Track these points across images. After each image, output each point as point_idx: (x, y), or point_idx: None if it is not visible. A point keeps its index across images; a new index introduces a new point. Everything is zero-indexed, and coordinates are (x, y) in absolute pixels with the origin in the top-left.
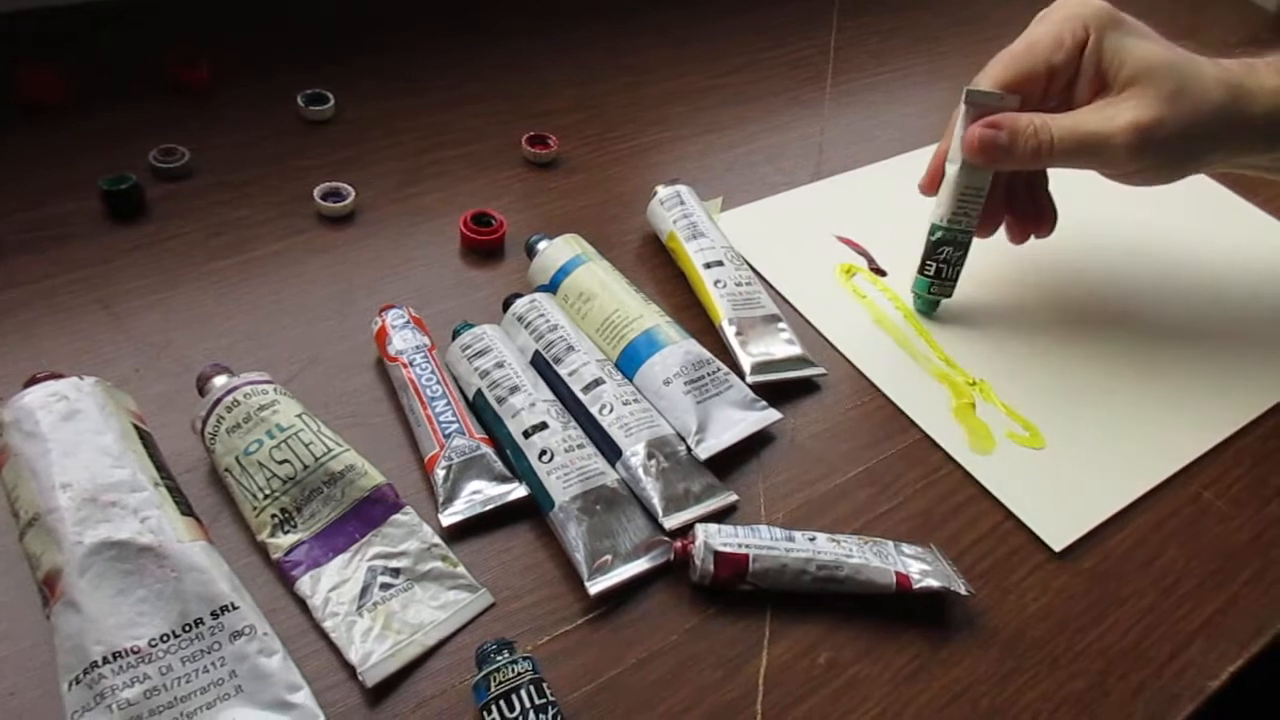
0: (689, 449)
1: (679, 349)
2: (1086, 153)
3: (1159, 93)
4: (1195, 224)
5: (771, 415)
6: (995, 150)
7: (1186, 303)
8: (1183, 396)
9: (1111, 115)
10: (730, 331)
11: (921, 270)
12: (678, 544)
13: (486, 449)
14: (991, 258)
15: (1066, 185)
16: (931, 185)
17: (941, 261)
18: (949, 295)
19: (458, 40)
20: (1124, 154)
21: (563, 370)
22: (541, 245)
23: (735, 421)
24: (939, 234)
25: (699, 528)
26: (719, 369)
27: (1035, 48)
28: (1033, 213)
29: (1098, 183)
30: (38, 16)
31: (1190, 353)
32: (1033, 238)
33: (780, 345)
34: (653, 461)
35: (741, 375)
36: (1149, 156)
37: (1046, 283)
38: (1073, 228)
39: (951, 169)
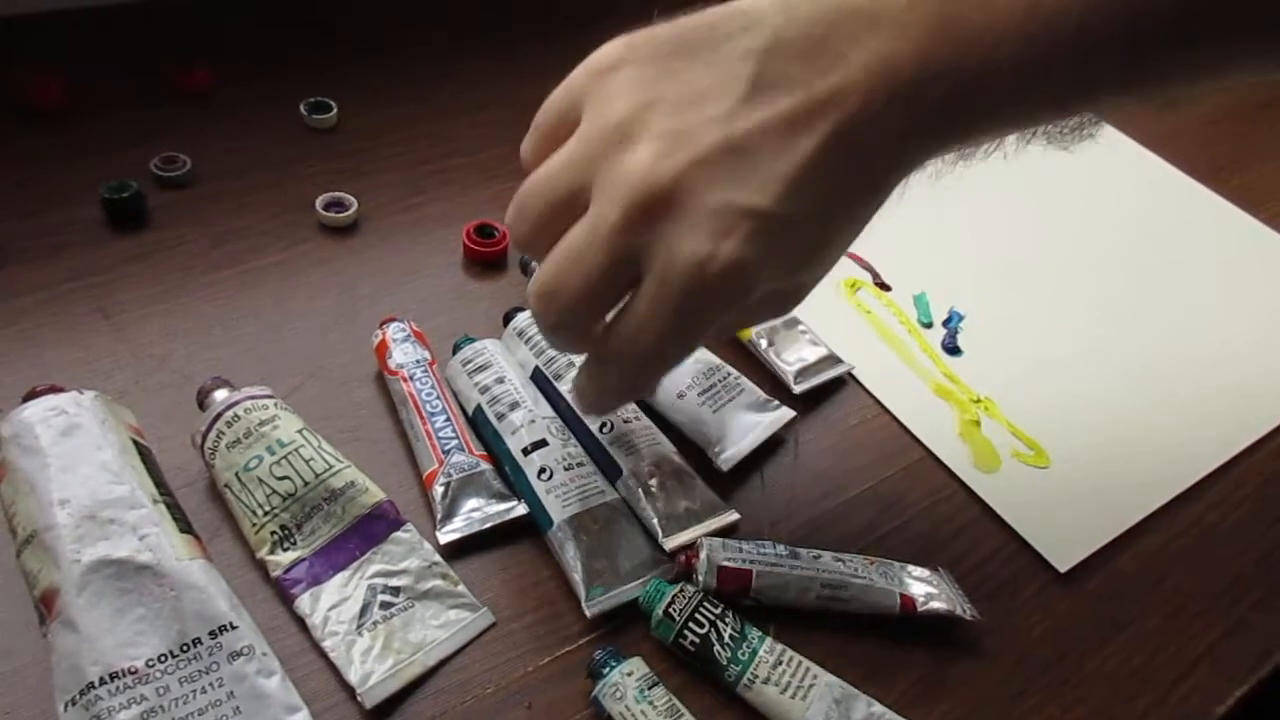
0: (711, 461)
1: (687, 359)
2: None
3: None
4: (1201, 242)
5: (786, 414)
6: None
7: (1192, 321)
8: (1188, 416)
9: None
10: (762, 344)
11: None
12: (681, 557)
13: (486, 466)
14: (996, 274)
15: (1072, 205)
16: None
17: None
18: None
19: (461, 47)
20: None
21: (563, 386)
22: None
23: (752, 426)
24: None
25: (703, 541)
26: (729, 374)
27: None
28: None
29: (1103, 204)
30: (39, 21)
31: (1195, 371)
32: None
33: (808, 348)
34: (653, 480)
35: (787, 385)
36: None
37: (1052, 300)
38: (1078, 246)
39: None
